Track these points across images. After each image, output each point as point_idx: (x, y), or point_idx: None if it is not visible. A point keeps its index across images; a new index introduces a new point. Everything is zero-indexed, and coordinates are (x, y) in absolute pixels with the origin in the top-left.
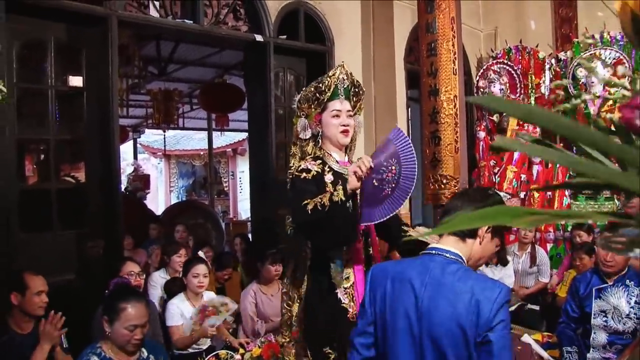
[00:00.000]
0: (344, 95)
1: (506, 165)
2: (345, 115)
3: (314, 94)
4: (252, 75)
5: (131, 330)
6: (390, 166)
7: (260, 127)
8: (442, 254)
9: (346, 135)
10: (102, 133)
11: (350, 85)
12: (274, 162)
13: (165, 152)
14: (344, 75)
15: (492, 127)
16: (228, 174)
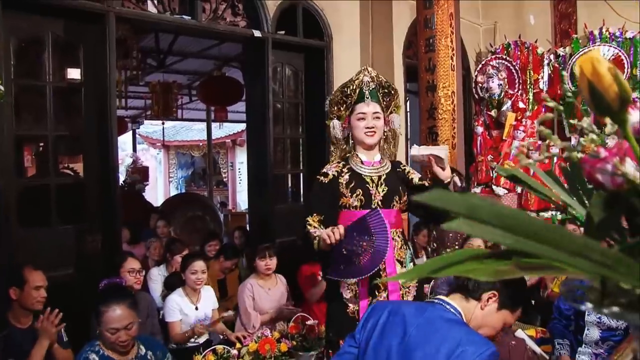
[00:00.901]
0: (370, 98)
1: (503, 161)
2: (372, 117)
3: (340, 98)
4: (251, 70)
5: (113, 334)
6: (360, 242)
7: (258, 122)
8: (443, 305)
9: (371, 136)
10: (100, 129)
11: (377, 86)
12: (271, 156)
13: (164, 143)
14: (368, 78)
15: (490, 122)
16: (227, 164)
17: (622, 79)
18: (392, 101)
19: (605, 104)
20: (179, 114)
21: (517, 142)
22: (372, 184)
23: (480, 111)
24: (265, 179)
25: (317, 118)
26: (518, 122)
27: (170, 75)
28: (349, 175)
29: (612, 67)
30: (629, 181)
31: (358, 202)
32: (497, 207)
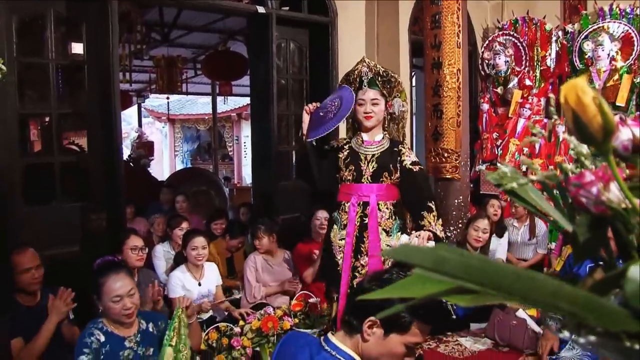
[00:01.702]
0: (368, 86)
1: (509, 138)
2: (370, 103)
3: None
4: (255, 46)
5: (117, 302)
6: (333, 102)
7: (262, 98)
8: (329, 351)
9: (368, 119)
10: (103, 105)
11: (375, 75)
12: (275, 133)
13: (170, 117)
14: (366, 68)
15: (496, 99)
16: (232, 138)
17: (607, 109)
18: (394, 87)
19: (589, 134)
20: (183, 88)
21: (523, 119)
22: (364, 161)
23: (486, 88)
24: (268, 155)
25: (321, 94)
26: (524, 99)
27: (175, 49)
28: (347, 152)
29: (596, 97)
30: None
31: (351, 176)
32: (465, 260)
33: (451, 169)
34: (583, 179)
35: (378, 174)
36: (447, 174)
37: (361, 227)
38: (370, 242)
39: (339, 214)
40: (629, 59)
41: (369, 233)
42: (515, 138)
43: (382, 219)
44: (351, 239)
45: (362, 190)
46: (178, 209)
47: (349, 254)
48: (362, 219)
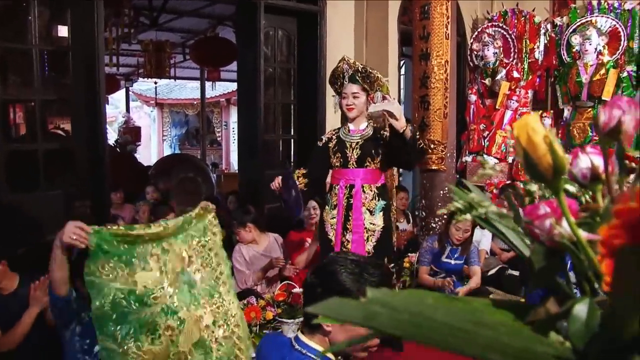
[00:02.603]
0: (348, 82)
1: (496, 130)
2: (351, 96)
3: (333, 80)
4: (243, 34)
5: None
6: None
7: (249, 87)
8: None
9: (350, 111)
10: (88, 91)
11: (354, 72)
12: (262, 121)
13: (158, 101)
14: (346, 66)
15: (484, 90)
16: (221, 124)
17: (558, 148)
18: (374, 82)
19: (539, 172)
20: (172, 72)
21: (510, 111)
22: (349, 149)
23: (474, 79)
24: (255, 144)
25: (309, 83)
26: (512, 91)
27: (164, 33)
28: (335, 142)
29: (547, 135)
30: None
31: (339, 162)
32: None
33: (437, 160)
34: (537, 211)
35: (362, 160)
36: (433, 165)
37: (347, 207)
38: (355, 221)
39: (330, 196)
40: (615, 53)
41: (353, 212)
42: (502, 130)
43: (366, 200)
44: (340, 218)
45: (348, 175)
46: (148, 199)
47: (339, 231)
48: (348, 200)
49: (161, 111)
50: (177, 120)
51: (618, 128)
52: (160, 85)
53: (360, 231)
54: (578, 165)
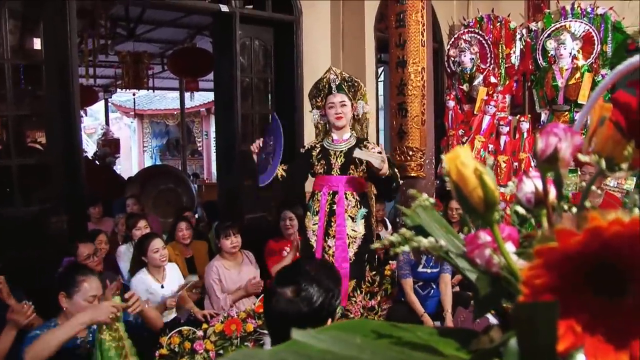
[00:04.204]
0: (336, 91)
1: (474, 135)
2: (339, 105)
3: (316, 92)
4: (219, 45)
5: (91, 302)
6: (270, 141)
7: (226, 97)
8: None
9: (339, 120)
10: (63, 104)
11: (341, 81)
12: (239, 132)
13: (137, 112)
14: (334, 75)
15: (462, 96)
16: (202, 133)
17: (489, 181)
18: (357, 91)
19: (471, 206)
20: (150, 83)
21: (488, 116)
22: (333, 156)
23: (452, 85)
24: (232, 155)
25: (286, 94)
26: (489, 96)
27: (142, 44)
28: (319, 150)
29: (478, 168)
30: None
31: (322, 169)
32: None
33: (416, 167)
34: (476, 240)
35: (346, 167)
36: (412, 172)
37: (330, 213)
38: (337, 227)
39: (313, 202)
40: (589, 57)
41: (336, 218)
42: (481, 135)
43: (349, 207)
44: (322, 224)
45: (332, 182)
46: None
47: (321, 237)
48: (331, 206)
49: (141, 122)
50: (157, 131)
51: (555, 155)
52: (139, 96)
53: (343, 237)
54: (523, 190)
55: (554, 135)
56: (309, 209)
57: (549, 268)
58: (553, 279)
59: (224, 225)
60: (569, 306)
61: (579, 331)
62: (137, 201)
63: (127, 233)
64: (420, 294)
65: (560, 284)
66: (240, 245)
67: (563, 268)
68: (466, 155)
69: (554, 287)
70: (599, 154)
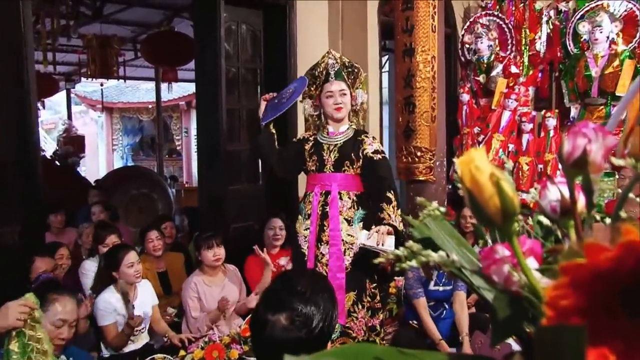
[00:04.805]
0: (335, 78)
1: (492, 133)
2: (338, 94)
3: (310, 79)
4: (201, 29)
5: (58, 327)
6: (287, 90)
7: (209, 90)
8: None
9: (339, 111)
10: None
11: (341, 67)
12: (224, 129)
13: (106, 105)
14: (332, 60)
15: (478, 89)
16: (181, 130)
17: (507, 188)
18: (357, 78)
19: (486, 216)
20: (121, 72)
21: (508, 112)
22: (326, 151)
23: (466, 76)
24: (216, 155)
25: (278, 85)
26: (510, 89)
27: (110, 26)
28: (312, 144)
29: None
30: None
31: (314, 166)
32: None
33: (425, 170)
34: (493, 255)
35: (340, 163)
36: (420, 175)
37: (322, 216)
38: (331, 231)
39: (304, 204)
40: (631, 42)
41: (329, 222)
42: (499, 133)
43: (344, 208)
44: (314, 228)
45: (324, 180)
46: (94, 220)
47: (313, 243)
48: (323, 208)
49: (110, 117)
50: (129, 127)
51: (584, 159)
52: (108, 87)
53: (338, 243)
54: (547, 197)
55: (583, 135)
56: (300, 212)
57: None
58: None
59: (206, 235)
60: (599, 331)
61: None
62: (105, 208)
63: (93, 246)
64: (431, 316)
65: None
66: (223, 258)
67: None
68: (481, 159)
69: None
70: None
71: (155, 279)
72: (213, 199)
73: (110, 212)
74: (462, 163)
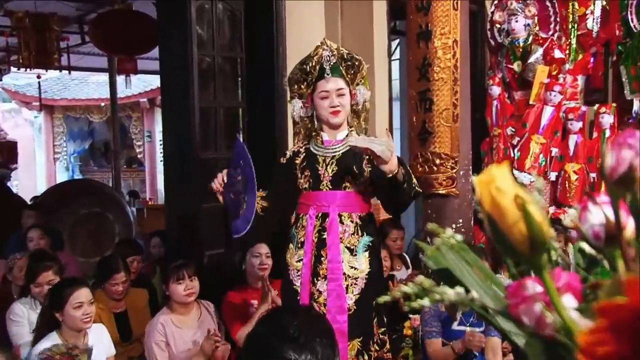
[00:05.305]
0: (331, 74)
1: (530, 135)
2: (335, 94)
3: (300, 75)
4: (166, 9)
5: None
6: (237, 176)
7: (177, 84)
8: None
9: (336, 115)
10: None
11: (339, 60)
12: (197, 133)
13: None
14: (328, 52)
15: (512, 79)
16: (143, 134)
17: (536, 213)
18: (357, 73)
19: (510, 246)
20: (64, 60)
21: (550, 107)
22: (322, 164)
23: (497, 64)
24: (188, 165)
25: (263, 78)
26: (552, 78)
27: (49, 2)
28: (304, 156)
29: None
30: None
31: (307, 183)
32: None
33: (445, 181)
34: (522, 291)
35: (339, 179)
36: (439, 188)
37: (319, 244)
38: (330, 263)
39: (296, 230)
40: None
41: (327, 251)
42: (540, 134)
43: (345, 234)
44: (309, 259)
45: (320, 200)
46: (32, 249)
47: (307, 278)
48: (320, 234)
49: (50, 117)
50: (75, 131)
51: (630, 175)
52: (47, 80)
53: (338, 278)
54: (588, 220)
55: (628, 147)
56: (291, 240)
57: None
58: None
59: (175, 265)
60: None
61: None
62: (45, 234)
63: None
64: None
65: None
66: (197, 292)
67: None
68: (503, 178)
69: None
70: None
71: (111, 323)
72: (184, 220)
73: (52, 238)
74: (481, 183)
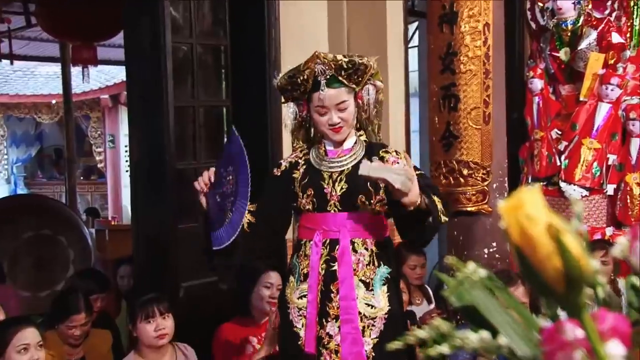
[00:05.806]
0: (329, 88)
1: (581, 138)
2: (335, 110)
3: (291, 87)
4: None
5: None
6: (227, 176)
7: (148, 78)
8: None
9: (338, 132)
10: None
11: (337, 71)
12: (172, 138)
13: None
14: (321, 66)
15: (558, 70)
16: (104, 139)
17: (572, 245)
18: (363, 75)
19: (543, 283)
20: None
21: (606, 104)
22: (328, 181)
23: (539, 52)
24: (160, 177)
25: (251, 72)
26: (609, 69)
27: None
28: (304, 171)
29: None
30: None
31: (310, 204)
32: None
33: (475, 196)
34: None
35: (350, 198)
36: (468, 204)
37: (327, 277)
38: (342, 300)
39: (298, 260)
40: None
41: (338, 285)
42: (593, 137)
43: (359, 264)
44: (315, 296)
45: (328, 223)
46: None
47: (313, 319)
48: (328, 265)
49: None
50: (19, 134)
51: None
52: None
53: (354, 319)
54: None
55: None
56: (292, 272)
57: None
58: None
59: (144, 300)
60: None
61: None
62: None
63: None
64: None
65: None
66: (171, 333)
67: None
68: (534, 204)
69: None
70: None
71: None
72: (155, 244)
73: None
74: (508, 210)
